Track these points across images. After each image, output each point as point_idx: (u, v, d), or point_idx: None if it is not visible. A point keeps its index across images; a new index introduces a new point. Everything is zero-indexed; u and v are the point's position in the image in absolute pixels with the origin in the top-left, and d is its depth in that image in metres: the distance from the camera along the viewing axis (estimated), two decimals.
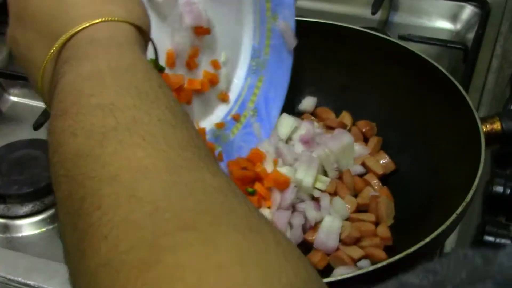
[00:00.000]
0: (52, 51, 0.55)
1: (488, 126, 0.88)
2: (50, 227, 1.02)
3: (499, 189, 1.11)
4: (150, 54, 0.70)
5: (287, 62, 0.98)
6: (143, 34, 0.58)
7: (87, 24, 0.54)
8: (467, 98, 0.88)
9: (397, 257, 0.74)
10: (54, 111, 0.50)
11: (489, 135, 0.88)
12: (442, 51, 1.27)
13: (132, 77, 0.50)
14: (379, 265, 0.72)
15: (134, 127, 0.45)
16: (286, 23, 0.95)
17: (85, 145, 0.45)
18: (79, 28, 0.54)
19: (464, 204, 0.77)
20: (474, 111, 0.87)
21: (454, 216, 0.76)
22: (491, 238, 1.04)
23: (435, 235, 0.75)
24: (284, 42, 0.96)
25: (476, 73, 1.18)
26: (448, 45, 1.25)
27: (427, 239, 0.74)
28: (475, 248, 0.40)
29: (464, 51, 1.23)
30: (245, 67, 0.96)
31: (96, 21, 0.54)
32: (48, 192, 1.02)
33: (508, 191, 1.11)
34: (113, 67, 0.50)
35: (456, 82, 0.90)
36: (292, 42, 0.96)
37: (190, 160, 0.45)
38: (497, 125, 0.88)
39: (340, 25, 1.03)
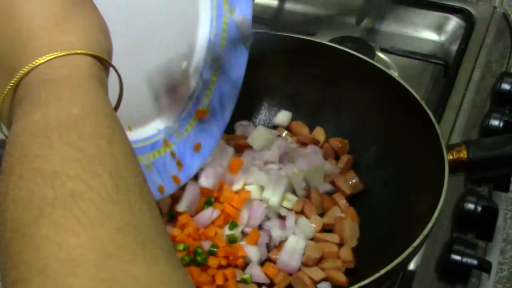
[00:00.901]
0: (6, 90, 0.53)
1: (454, 154, 0.89)
2: None
3: (471, 206, 1.12)
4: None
5: (242, 57, 0.95)
6: (104, 62, 0.57)
7: (42, 61, 0.53)
8: (436, 126, 0.89)
9: (355, 286, 0.75)
10: (3, 162, 0.49)
11: (455, 163, 0.89)
12: (426, 63, 1.28)
13: (78, 136, 0.48)
14: None
15: (71, 205, 0.44)
16: (243, 17, 0.92)
17: (22, 220, 0.44)
18: (34, 65, 0.53)
19: (421, 237, 0.78)
20: (441, 140, 0.87)
21: (410, 249, 0.77)
22: (457, 257, 1.05)
23: (391, 267, 0.76)
24: (240, 37, 0.93)
25: (456, 89, 1.19)
26: (429, 60, 1.25)
27: (382, 271, 0.75)
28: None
29: (445, 67, 1.23)
30: (201, 62, 0.92)
31: (52, 56, 0.53)
32: None
33: (480, 209, 1.12)
34: (62, 121, 0.49)
35: (427, 109, 0.91)
36: (249, 36, 0.94)
37: (125, 247, 0.43)
38: (463, 154, 0.89)
39: (316, 42, 1.04)
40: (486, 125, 1.19)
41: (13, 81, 0.53)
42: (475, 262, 1.04)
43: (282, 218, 0.92)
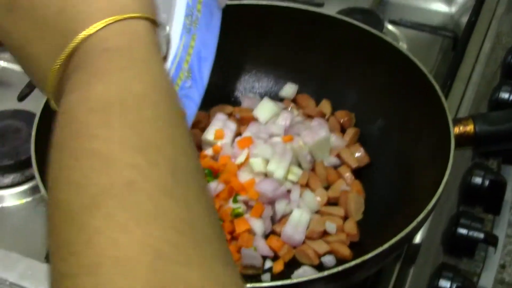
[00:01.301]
0: (63, 56, 0.50)
1: (461, 128, 0.88)
2: (30, 198, 1.03)
3: (478, 180, 1.11)
4: None
5: (217, 19, 0.92)
6: (156, 25, 0.53)
7: (101, 26, 0.49)
8: (443, 100, 0.88)
9: (359, 260, 0.75)
10: (55, 134, 0.46)
11: (461, 137, 0.88)
12: (434, 36, 1.27)
13: (139, 117, 0.45)
14: (334, 270, 0.73)
15: (126, 197, 0.41)
16: None
17: (74, 204, 0.42)
18: (90, 32, 0.49)
19: (425, 212, 0.77)
20: (448, 113, 0.87)
21: (414, 223, 0.77)
22: (464, 231, 1.05)
23: (395, 241, 0.76)
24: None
25: (465, 61, 1.18)
26: (439, 32, 1.24)
27: (385, 246, 0.75)
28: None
29: (454, 39, 1.22)
30: (180, 26, 0.87)
31: (110, 20, 0.49)
32: (29, 165, 1.02)
33: (487, 182, 1.11)
34: (123, 98, 0.45)
35: (434, 83, 0.90)
36: None
37: (179, 246, 0.41)
38: (470, 128, 0.88)
39: (323, 14, 1.03)
40: (495, 98, 1.19)
41: (70, 47, 0.49)
42: (481, 235, 1.04)
43: (287, 191, 0.92)
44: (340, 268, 0.74)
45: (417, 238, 0.94)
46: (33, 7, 0.52)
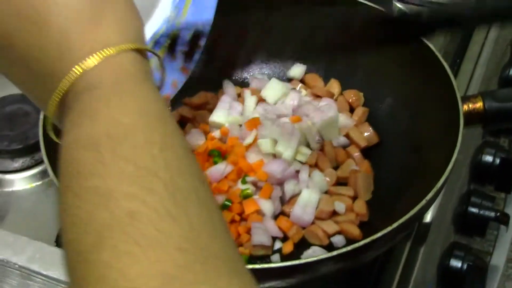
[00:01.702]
0: (52, 103, 0.51)
1: (470, 105, 0.88)
2: (40, 182, 1.04)
3: (489, 158, 1.11)
4: None
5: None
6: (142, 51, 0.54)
7: (87, 66, 0.50)
8: (452, 78, 0.88)
9: (368, 239, 0.75)
10: (59, 176, 0.48)
11: (471, 115, 0.88)
12: None
13: (131, 148, 0.46)
14: (343, 250, 0.73)
15: (129, 227, 0.43)
16: None
17: (83, 245, 0.44)
18: (75, 75, 0.50)
19: (434, 190, 0.77)
20: (457, 91, 0.86)
21: (423, 202, 0.77)
22: (475, 210, 1.04)
23: (404, 220, 0.76)
24: None
25: (474, 38, 1.17)
26: None
27: (395, 225, 0.75)
28: None
29: None
30: None
31: (96, 59, 0.50)
32: (38, 148, 1.02)
33: (498, 160, 1.11)
34: (112, 133, 0.47)
35: (443, 60, 0.90)
36: None
37: (186, 266, 0.42)
38: (479, 105, 0.88)
39: None
40: (505, 76, 1.18)
41: (58, 92, 0.50)
42: (492, 214, 1.04)
43: (296, 171, 0.92)
44: (349, 247, 0.74)
45: (428, 217, 0.93)
46: (12, 47, 0.52)
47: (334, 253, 0.73)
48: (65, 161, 0.48)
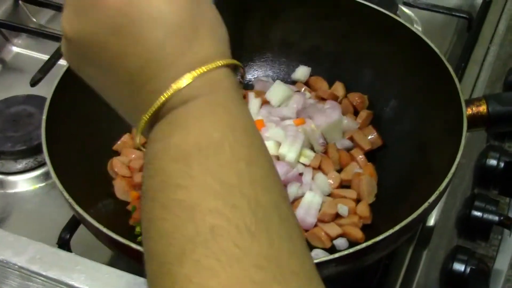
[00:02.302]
0: (146, 117, 0.51)
1: (473, 108, 0.87)
2: (43, 184, 1.04)
3: (493, 162, 1.11)
4: None
5: None
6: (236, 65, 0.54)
7: (183, 85, 0.50)
8: (456, 81, 0.87)
9: (370, 242, 0.75)
10: (144, 183, 0.49)
11: (474, 118, 0.87)
12: (449, 16, 1.25)
13: (218, 162, 0.47)
14: (345, 252, 0.73)
15: (211, 242, 0.44)
16: None
17: (167, 256, 0.46)
18: (173, 92, 0.50)
19: (437, 193, 0.77)
20: (461, 94, 0.86)
21: (426, 205, 0.76)
22: (478, 214, 1.04)
23: (406, 223, 0.75)
24: None
25: (479, 43, 1.17)
26: (453, 13, 1.23)
27: (397, 227, 0.75)
28: None
29: (468, 20, 1.21)
30: None
31: (193, 75, 0.50)
32: (41, 150, 1.02)
33: (502, 164, 1.10)
34: (202, 146, 0.47)
35: (447, 64, 0.89)
36: None
37: (263, 284, 0.43)
38: (483, 108, 0.87)
39: None
40: (510, 79, 1.17)
41: (155, 107, 0.51)
42: (496, 218, 1.03)
43: (299, 174, 0.91)
44: (351, 250, 0.74)
45: (431, 221, 0.93)
46: (113, 64, 0.52)
47: (336, 255, 0.73)
48: (151, 169, 0.49)
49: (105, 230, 0.74)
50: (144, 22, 0.50)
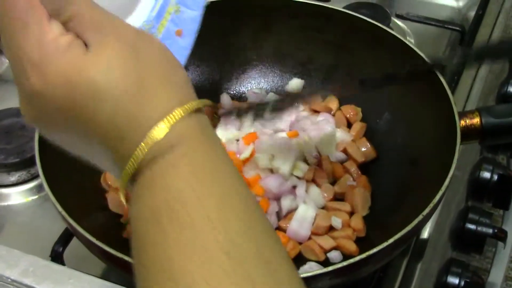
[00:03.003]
0: (128, 173, 0.50)
1: (467, 121, 0.88)
2: (36, 196, 1.03)
3: (487, 175, 1.11)
4: None
5: None
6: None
7: (142, 155, 0.49)
8: (449, 93, 0.87)
9: (364, 255, 0.74)
10: (132, 244, 0.50)
11: (468, 130, 0.87)
12: (442, 29, 1.26)
13: (187, 214, 0.47)
14: (339, 265, 0.73)
15: None
16: None
17: None
18: (134, 162, 0.50)
19: (431, 205, 0.77)
20: (454, 106, 0.86)
21: (420, 217, 0.76)
22: (472, 226, 1.04)
23: (400, 235, 0.75)
24: None
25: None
26: (446, 26, 1.23)
27: (391, 240, 0.74)
28: None
29: (462, 33, 1.21)
30: None
31: (149, 141, 0.49)
32: (34, 162, 1.02)
33: (496, 177, 1.11)
34: (170, 203, 0.48)
35: (440, 76, 0.89)
36: None
37: None
38: (476, 121, 0.87)
39: (329, 7, 1.02)
40: (503, 92, 1.18)
41: (132, 167, 0.50)
42: (490, 230, 1.03)
43: (292, 187, 0.91)
44: (345, 263, 0.73)
45: (425, 233, 0.93)
46: (75, 141, 0.53)
47: (330, 268, 0.73)
48: (134, 231, 0.50)
49: (97, 242, 0.74)
50: (89, 101, 0.50)
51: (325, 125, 0.95)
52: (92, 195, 0.91)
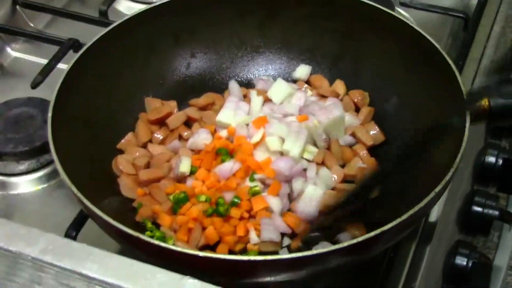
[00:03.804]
0: None
1: (475, 103, 0.88)
2: (45, 185, 1.04)
3: (492, 159, 1.11)
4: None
5: None
6: None
7: None
8: (457, 74, 0.88)
9: (373, 233, 0.75)
10: None
11: (476, 111, 0.88)
12: (445, 18, 1.27)
13: None
14: (351, 242, 0.73)
15: None
16: None
17: None
18: None
19: (443, 182, 0.78)
20: (462, 87, 0.87)
21: (433, 194, 0.77)
22: (479, 209, 1.05)
23: (413, 213, 0.76)
24: None
25: (476, 43, 1.18)
26: (449, 13, 1.24)
27: (404, 217, 0.75)
28: None
29: (465, 20, 1.22)
30: None
31: None
32: (43, 151, 1.03)
33: (501, 161, 1.11)
34: None
35: (447, 57, 0.90)
36: None
37: None
38: (484, 102, 0.88)
39: None
40: (504, 79, 1.18)
41: None
42: (496, 213, 1.04)
43: (303, 169, 0.92)
44: (359, 238, 0.74)
45: (433, 217, 0.94)
46: None
47: (345, 244, 0.73)
48: None
49: (114, 222, 0.74)
50: None
51: (333, 109, 0.96)
52: (104, 181, 0.92)
